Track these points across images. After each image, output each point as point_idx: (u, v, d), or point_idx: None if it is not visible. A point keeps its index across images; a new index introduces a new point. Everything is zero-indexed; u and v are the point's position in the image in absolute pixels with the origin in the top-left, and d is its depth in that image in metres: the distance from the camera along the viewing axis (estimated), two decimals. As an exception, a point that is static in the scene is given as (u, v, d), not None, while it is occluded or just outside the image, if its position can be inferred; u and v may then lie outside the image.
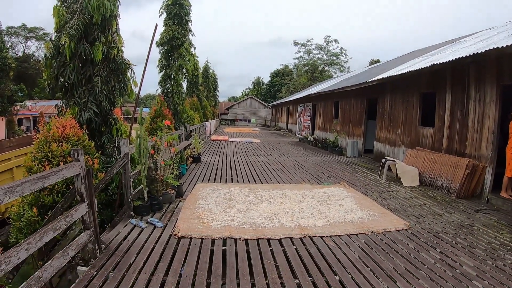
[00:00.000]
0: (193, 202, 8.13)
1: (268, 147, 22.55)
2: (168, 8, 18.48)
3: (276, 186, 10.28)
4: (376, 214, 7.57)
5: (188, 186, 9.93)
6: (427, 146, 12.77)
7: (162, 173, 8.11)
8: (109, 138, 8.72)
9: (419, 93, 13.58)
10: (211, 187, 9.72)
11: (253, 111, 76.47)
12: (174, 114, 18.27)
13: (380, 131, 16.84)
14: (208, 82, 46.43)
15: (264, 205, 7.99)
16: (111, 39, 8.54)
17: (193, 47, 19.85)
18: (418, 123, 13.56)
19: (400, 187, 11.02)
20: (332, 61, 67.21)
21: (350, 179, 11.88)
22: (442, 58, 11.65)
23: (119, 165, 6.73)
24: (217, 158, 15.98)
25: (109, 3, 8.22)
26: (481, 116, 10.18)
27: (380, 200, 9.01)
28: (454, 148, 11.26)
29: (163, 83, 18.80)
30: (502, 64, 9.50)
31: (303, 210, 7.67)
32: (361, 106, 19.38)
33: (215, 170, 12.82)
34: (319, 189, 9.86)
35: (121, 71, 8.87)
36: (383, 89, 16.53)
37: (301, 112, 33.97)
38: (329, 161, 16.38)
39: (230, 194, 8.92)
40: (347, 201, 8.58)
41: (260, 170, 13.03)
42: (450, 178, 10.46)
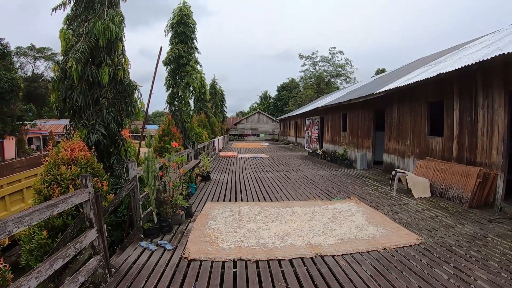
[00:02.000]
0: (203, 222, 8.07)
1: (277, 162, 22.47)
2: (173, 26, 18.61)
3: (286, 203, 10.19)
4: (388, 229, 7.46)
5: (197, 206, 9.89)
6: (437, 156, 12.65)
7: (171, 195, 8.08)
8: (117, 160, 8.74)
9: (426, 102, 13.48)
10: (221, 207, 9.67)
11: (261, 126, 76.36)
12: (183, 132, 18.27)
13: (389, 142, 16.74)
14: (216, 98, 46.61)
15: (274, 224, 7.90)
16: (117, 61, 8.61)
17: (199, 64, 19.93)
18: (427, 132, 13.45)
19: (411, 199, 10.89)
20: (338, 72, 67.35)
21: (361, 193, 11.77)
22: (448, 66, 11.58)
23: (128, 188, 6.71)
24: (227, 176, 15.93)
25: (114, 26, 8.29)
26: (490, 123, 10.06)
27: (391, 214, 8.89)
28: (464, 157, 11.13)
29: (170, 101, 18.86)
30: (509, 69, 9.38)
31: (314, 228, 7.57)
32: (369, 118, 19.30)
33: (225, 188, 12.76)
34: (329, 205, 9.76)
35: (128, 93, 8.94)
36: (390, 99, 16.45)
37: (309, 125, 33.92)
38: (338, 175, 16.26)
39: (239, 214, 8.85)
40: (358, 217, 8.48)
41: (270, 187, 12.95)
42: (461, 187, 10.31)
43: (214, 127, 37.29)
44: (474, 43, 16.61)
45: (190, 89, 19.04)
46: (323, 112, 29.11)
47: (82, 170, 6.72)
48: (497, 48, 10.06)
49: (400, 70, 24.97)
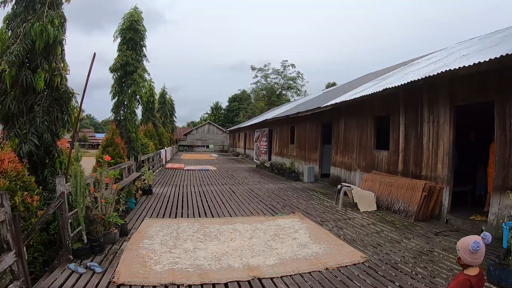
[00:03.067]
0: (138, 241, 7.51)
1: (223, 175, 22.02)
2: (122, 32, 17.87)
3: (228, 219, 9.72)
4: (331, 247, 7.15)
5: (134, 223, 9.24)
6: (383, 169, 12.65)
7: (103, 212, 7.51)
8: (52, 172, 8.05)
9: (373, 116, 13.51)
10: (159, 224, 9.07)
11: (211, 137, 75.88)
12: (127, 142, 17.57)
13: (336, 155, 16.69)
14: (165, 108, 45.67)
15: (213, 243, 7.42)
16: (55, 66, 7.96)
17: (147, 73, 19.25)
18: (373, 146, 13.47)
19: (357, 213, 10.72)
20: (289, 85, 67.63)
21: (306, 207, 11.48)
22: (395, 81, 11.69)
23: (55, 206, 6.14)
24: (170, 189, 15.33)
25: (53, 28, 7.67)
26: (435, 138, 10.19)
27: (335, 230, 8.62)
28: (410, 171, 11.20)
29: (116, 110, 17.96)
30: (455, 86, 9.56)
31: (254, 247, 7.14)
32: (316, 131, 19.26)
33: (166, 203, 12.17)
34: (272, 221, 9.37)
35: (64, 101, 8.28)
36: (337, 113, 16.44)
37: (258, 137, 33.75)
38: (285, 188, 15.98)
39: (177, 231, 8.28)
40: (301, 234, 8.11)
41: (213, 202, 12.45)
42: (407, 201, 10.32)
43: (162, 137, 36.43)
44: (422, 59, 16.92)
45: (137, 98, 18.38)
46: (272, 124, 29.00)
47: (12, 184, 6.10)
48: (444, 64, 10.23)
49: (349, 84, 25.21)
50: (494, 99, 8.35)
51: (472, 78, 8.72)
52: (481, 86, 8.79)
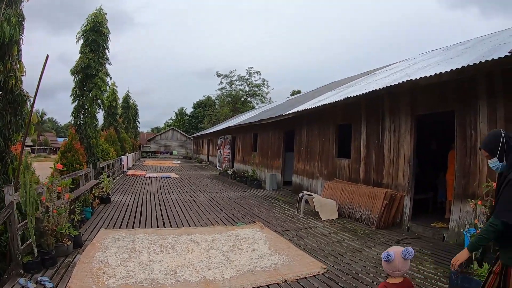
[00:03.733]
0: (92, 254, 7.14)
1: (185, 183, 21.64)
2: (85, 34, 17.34)
3: (186, 230, 9.38)
4: (291, 258, 6.97)
5: (90, 234, 8.78)
6: (345, 177, 12.65)
7: (55, 223, 7.15)
8: (4, 179, 7.59)
9: (335, 125, 13.53)
10: (115, 234, 8.67)
11: (175, 143, 75.16)
12: (87, 148, 17.09)
13: (298, 163, 16.64)
14: (128, 113, 44.75)
15: (169, 254, 7.12)
16: (10, 67, 7.51)
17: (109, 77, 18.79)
18: (335, 154, 13.46)
19: (319, 221, 10.60)
20: (254, 92, 67.77)
21: (267, 216, 11.29)
22: (357, 90, 11.76)
23: (3, 217, 5.80)
24: (129, 198, 14.87)
25: (9, 27, 7.24)
26: (396, 147, 10.25)
27: (296, 240, 8.44)
28: (372, 179, 11.23)
29: (76, 114, 17.36)
30: (416, 96, 9.64)
31: (211, 259, 6.89)
32: (279, 138, 19.19)
33: (124, 212, 11.73)
34: (231, 231, 9.09)
35: (19, 104, 7.85)
36: (300, 121, 16.42)
37: (221, 144, 33.53)
38: (246, 197, 15.77)
39: (133, 243, 7.91)
40: (261, 244, 7.90)
41: (172, 211, 12.07)
42: (368, 209, 10.32)
43: (124, 143, 35.70)
44: (385, 69, 17.12)
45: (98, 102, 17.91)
46: (235, 131, 28.83)
47: None
48: (406, 74, 10.36)
49: (313, 92, 25.35)
50: (454, 109, 8.45)
51: (433, 88, 8.79)
52: (442, 96, 8.88)
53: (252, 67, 66.87)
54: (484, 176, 7.42)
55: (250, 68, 66.62)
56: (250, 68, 66.62)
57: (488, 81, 7.64)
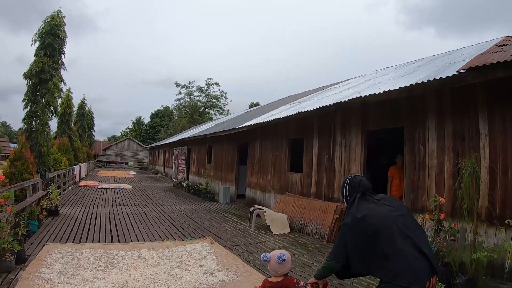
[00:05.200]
0: (35, 270, 6.87)
1: (138, 195, 21.22)
2: (41, 36, 16.96)
3: (134, 245, 9.14)
4: (239, 274, 6.90)
5: (35, 249, 8.43)
6: (297, 191, 12.72)
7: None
8: None
9: (287, 139, 13.61)
10: (61, 249, 8.36)
11: (131, 153, 73.95)
12: (38, 156, 16.59)
13: (251, 176, 16.65)
14: (83, 120, 43.69)
15: (115, 271, 6.92)
16: None
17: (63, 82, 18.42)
18: (287, 168, 13.52)
19: (270, 236, 10.58)
20: (213, 103, 67.77)
21: (218, 230, 11.18)
22: (309, 105, 11.91)
23: None
24: (79, 210, 14.42)
25: None
26: (347, 161, 10.41)
27: (245, 255, 8.39)
28: (323, 193, 11.33)
29: (27, 121, 16.87)
30: (367, 111, 9.83)
31: (157, 276, 6.73)
32: (233, 151, 19.17)
33: (72, 225, 11.36)
34: (180, 247, 8.90)
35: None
36: (253, 134, 16.46)
37: (177, 155, 33.24)
38: (199, 210, 15.59)
39: (78, 259, 7.63)
40: (209, 260, 7.77)
41: (121, 224, 11.79)
42: (320, 223, 10.38)
43: (78, 152, 34.75)
44: (339, 84, 17.44)
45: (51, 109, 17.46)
46: (191, 143, 28.61)
47: None
48: (357, 91, 10.59)
49: (269, 106, 25.54)
50: (404, 125, 8.64)
51: (384, 104, 8.99)
52: (392, 112, 9.08)
53: (211, 78, 66.90)
54: (433, 191, 7.63)
55: (209, 79, 66.70)
56: (209, 79, 66.70)
57: (437, 98, 7.87)
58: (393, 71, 14.01)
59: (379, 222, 3.20)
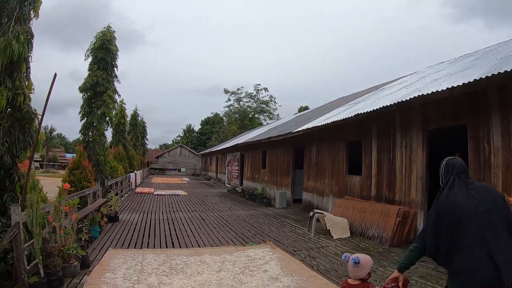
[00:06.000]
0: (99, 275, 6.97)
1: (194, 201, 21.40)
2: (94, 52, 17.48)
3: (196, 250, 9.14)
4: (304, 279, 6.75)
5: (98, 254, 8.64)
6: (356, 194, 12.43)
7: (62, 243, 7.01)
8: (12, 197, 7.42)
9: (345, 141, 13.39)
10: (123, 255, 8.49)
11: (183, 160, 75.11)
12: (95, 165, 17.03)
13: (308, 180, 16.43)
14: (137, 130, 44.75)
15: (179, 277, 6.92)
16: (19, 84, 7.42)
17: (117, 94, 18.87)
18: (346, 171, 13.27)
19: (330, 240, 10.36)
20: (262, 108, 67.61)
21: (277, 235, 11.05)
22: (367, 106, 11.62)
23: (10, 237, 5.67)
24: (138, 216, 14.70)
25: (18, 45, 7.16)
26: (408, 162, 10.07)
27: (308, 260, 8.22)
28: (383, 196, 11.03)
29: (84, 132, 17.43)
30: (427, 110, 9.49)
31: (222, 281, 6.67)
32: (288, 156, 19.02)
33: (132, 231, 11.57)
34: (242, 252, 8.84)
35: (27, 121, 7.74)
36: (309, 138, 16.23)
37: (230, 161, 33.42)
38: (256, 215, 15.54)
39: (142, 264, 7.71)
40: (272, 265, 7.66)
41: (181, 230, 11.87)
42: (381, 227, 10.06)
43: (132, 160, 35.62)
44: (393, 83, 16.95)
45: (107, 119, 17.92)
46: (244, 148, 28.71)
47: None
48: (416, 89, 10.22)
49: (321, 109, 25.17)
50: (467, 123, 8.28)
51: (444, 102, 8.65)
52: (453, 110, 8.75)
53: (259, 84, 66.68)
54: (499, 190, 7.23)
55: (257, 85, 66.57)
56: (257, 85, 66.57)
57: (500, 92, 7.51)
58: (447, 66, 13.54)
59: (460, 214, 3.04)
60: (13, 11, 7.42)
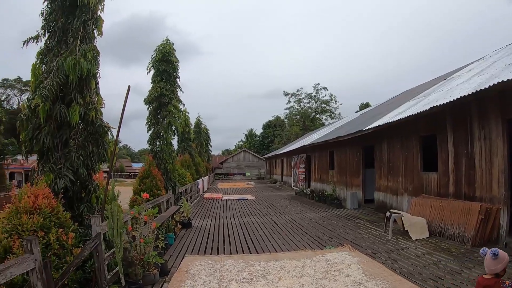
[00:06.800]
0: (179, 283, 7.02)
1: (263, 204, 21.48)
2: (155, 64, 18.03)
3: (274, 255, 9.06)
4: (389, 284, 6.48)
5: (175, 261, 8.78)
6: (433, 192, 11.93)
7: (142, 252, 7.10)
8: (88, 208, 7.74)
9: (418, 137, 12.88)
10: (201, 261, 8.55)
11: (247, 164, 75.62)
12: (164, 173, 17.44)
13: (380, 179, 15.98)
14: (200, 137, 45.68)
15: (260, 283, 6.81)
16: (90, 100, 7.78)
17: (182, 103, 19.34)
18: (420, 168, 12.76)
19: (409, 241, 9.99)
20: (323, 108, 67.22)
21: (354, 238, 10.80)
22: (440, 98, 11.07)
23: (91, 247, 5.82)
24: (209, 222, 14.92)
25: (86, 62, 7.50)
26: (488, 155, 9.51)
27: (390, 263, 7.94)
28: (463, 192, 10.48)
29: (152, 142, 18.03)
30: (506, 98, 8.89)
31: (305, 287, 6.52)
32: (358, 155, 18.61)
33: (207, 236, 11.74)
34: (321, 256, 8.66)
35: (100, 135, 8.08)
36: (379, 135, 15.77)
37: (296, 163, 33.26)
38: (328, 217, 15.31)
39: (221, 270, 7.72)
40: (354, 269, 7.44)
41: (255, 235, 11.87)
42: (462, 225, 9.58)
43: (198, 167, 36.34)
44: (461, 72, 16.15)
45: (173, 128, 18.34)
46: (310, 149, 28.45)
47: (46, 220, 5.81)
48: (492, 75, 9.62)
49: (386, 104, 24.43)
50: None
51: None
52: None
53: (318, 84, 66.35)
54: None
55: (316, 84, 66.33)
56: (316, 84, 66.33)
57: None
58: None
59: None
60: (77, 31, 7.75)
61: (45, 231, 5.63)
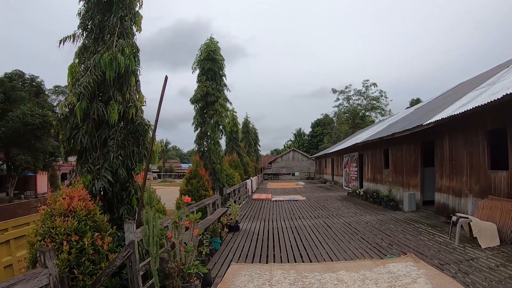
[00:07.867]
0: (224, 296, 6.37)
1: (314, 206, 20.69)
2: (200, 63, 18.14)
3: (329, 265, 8.22)
4: (465, 304, 5.60)
5: (220, 269, 8.22)
6: (502, 193, 10.70)
7: (182, 262, 6.46)
8: (128, 210, 7.46)
9: (485, 131, 11.65)
10: (248, 271, 7.89)
11: (296, 164, 74.93)
12: (212, 174, 17.15)
13: (441, 179, 14.75)
14: (249, 137, 45.84)
15: (315, 300, 6.08)
16: (129, 97, 7.53)
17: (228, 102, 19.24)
18: (488, 166, 11.54)
19: (479, 250, 8.95)
20: (373, 105, 65.52)
21: (416, 245, 9.83)
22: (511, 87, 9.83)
23: (123, 257, 5.38)
24: (258, 224, 14.34)
25: (124, 57, 7.22)
26: None
27: (461, 277, 6.97)
28: (540, 193, 9.17)
29: (199, 142, 18.13)
30: None
31: (367, 307, 5.73)
32: (415, 152, 17.39)
33: (255, 242, 11.14)
34: (382, 267, 7.77)
35: (140, 133, 7.82)
36: (438, 131, 14.56)
37: (347, 162, 32.28)
38: (385, 220, 14.35)
39: (271, 282, 7.03)
40: (422, 285, 6.52)
41: (308, 240, 11.11)
42: (539, 232, 8.44)
43: (247, 167, 36.20)
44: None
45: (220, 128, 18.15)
46: (362, 148, 27.34)
47: (81, 224, 5.53)
48: None
49: (442, 98, 22.99)
50: None
51: None
52: None
53: (368, 80, 64.75)
54: None
55: (366, 81, 64.85)
56: (366, 81, 64.85)
57: None
58: None
59: None
60: (114, 27, 7.63)
61: (80, 235, 5.42)
